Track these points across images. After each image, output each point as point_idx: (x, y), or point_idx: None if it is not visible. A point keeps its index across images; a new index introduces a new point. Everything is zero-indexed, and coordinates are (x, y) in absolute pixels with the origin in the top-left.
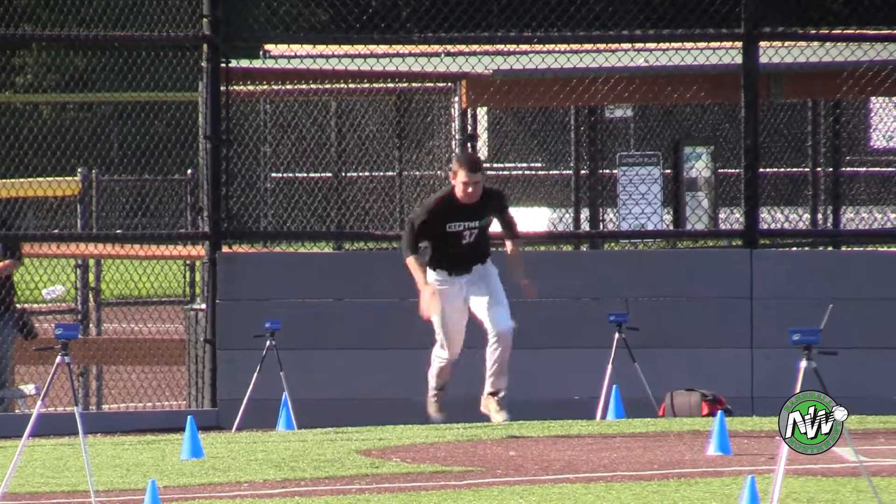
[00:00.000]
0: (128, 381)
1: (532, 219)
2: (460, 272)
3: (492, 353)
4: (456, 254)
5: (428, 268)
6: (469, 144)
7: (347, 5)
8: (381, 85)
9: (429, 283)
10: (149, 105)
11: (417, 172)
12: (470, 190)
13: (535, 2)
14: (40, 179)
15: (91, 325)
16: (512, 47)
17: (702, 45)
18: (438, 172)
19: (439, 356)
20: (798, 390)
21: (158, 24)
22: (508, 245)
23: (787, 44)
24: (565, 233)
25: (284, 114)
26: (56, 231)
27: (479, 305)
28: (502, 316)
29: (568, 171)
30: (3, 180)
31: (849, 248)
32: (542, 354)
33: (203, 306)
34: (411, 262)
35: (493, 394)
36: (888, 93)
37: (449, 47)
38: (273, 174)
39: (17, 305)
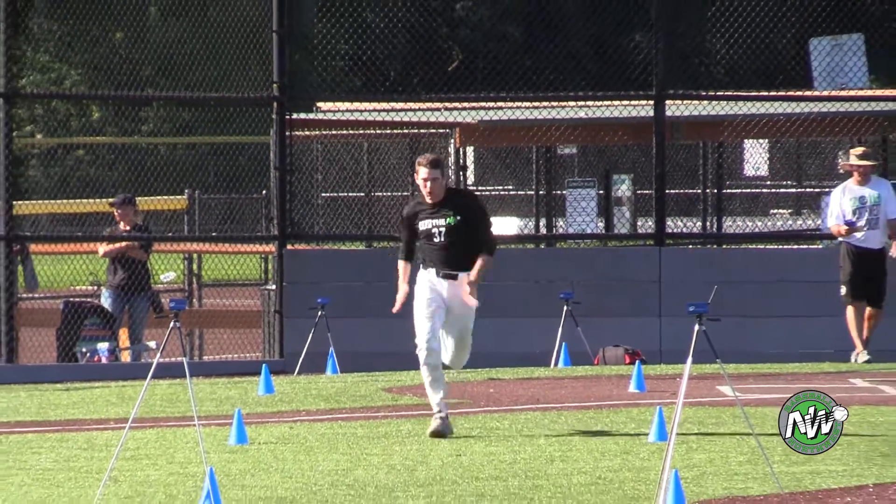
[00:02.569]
0: (220, 339)
1: (505, 225)
2: (443, 274)
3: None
4: (432, 252)
5: (420, 267)
6: (461, 173)
7: (375, 74)
8: (399, 130)
9: (403, 288)
10: (235, 145)
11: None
12: (429, 185)
13: (506, 72)
14: (160, 198)
15: (194, 300)
16: (491, 104)
17: (625, 102)
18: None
19: (420, 359)
20: (692, 347)
21: (242, 88)
22: (478, 259)
23: (685, 102)
24: (529, 235)
25: (330, 151)
26: (170, 234)
27: (447, 341)
28: (459, 360)
29: (531, 192)
30: (137, 198)
31: (728, 247)
32: (512, 321)
33: (273, 287)
34: (399, 264)
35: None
36: (757, 136)
37: (447, 104)
38: (323, 194)
39: (152, 287)
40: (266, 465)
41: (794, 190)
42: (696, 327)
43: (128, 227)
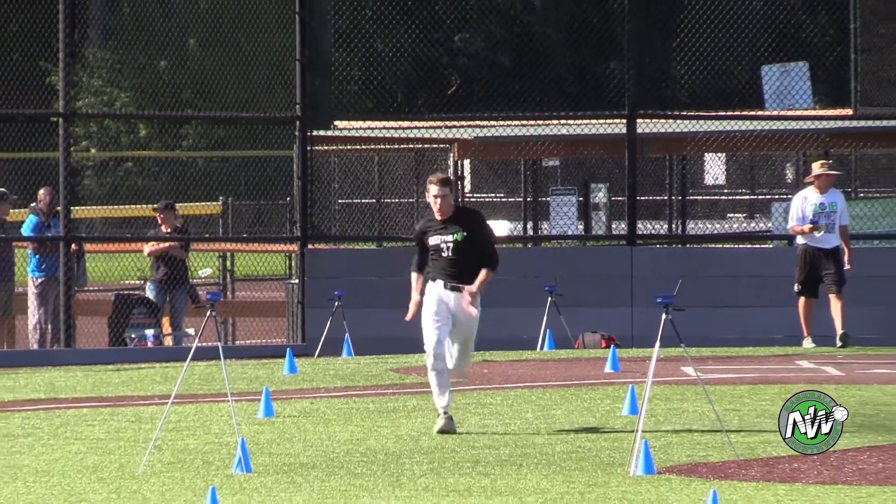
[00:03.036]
0: (250, 326)
1: (497, 228)
2: (450, 286)
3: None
4: (441, 266)
5: (429, 280)
6: (459, 182)
7: (384, 97)
8: (405, 146)
9: (415, 298)
10: (263, 158)
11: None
12: (439, 201)
13: (498, 95)
14: (198, 204)
15: (228, 292)
16: (485, 123)
17: (601, 121)
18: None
19: (427, 364)
20: (660, 333)
21: (269, 108)
22: (481, 273)
23: (653, 120)
24: (518, 237)
25: (346, 163)
26: (207, 235)
27: (452, 348)
28: (463, 365)
29: (519, 199)
30: (178, 204)
31: (691, 246)
32: (503, 310)
33: (296, 281)
34: (413, 276)
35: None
36: (715, 150)
37: (446, 123)
38: (339, 200)
39: (191, 281)
40: (290, 435)
41: (747, 197)
42: (664, 316)
43: (169, 230)
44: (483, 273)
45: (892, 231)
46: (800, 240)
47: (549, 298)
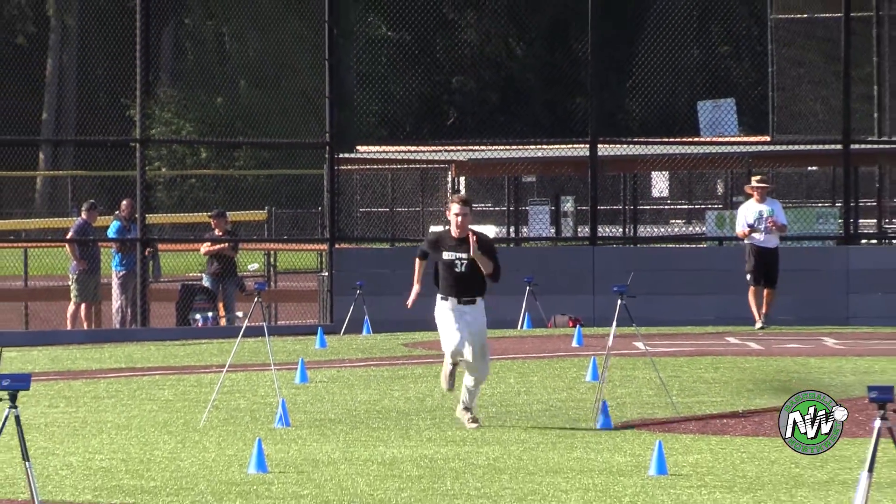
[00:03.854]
0: (289, 310)
1: (486, 231)
2: (462, 300)
3: (469, 382)
4: (452, 281)
5: (439, 296)
6: (456, 194)
7: (396, 126)
8: (413, 166)
9: (416, 288)
10: (299, 175)
11: (431, 208)
12: (460, 219)
13: (487, 126)
14: (248, 212)
15: (271, 282)
16: (476, 148)
17: (569, 146)
18: (441, 208)
19: (445, 362)
20: (616, 315)
21: (304, 136)
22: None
23: (611, 145)
24: (503, 238)
25: (365, 179)
26: (255, 237)
27: (469, 353)
28: (483, 368)
29: (503, 208)
30: (229, 212)
31: (641, 246)
32: (492, 297)
33: (326, 273)
34: (416, 262)
35: (467, 409)
36: (660, 169)
37: (446, 147)
38: (360, 209)
39: (239, 274)
40: (321, 396)
41: (686, 206)
42: (619, 301)
43: (221, 233)
44: (489, 262)
45: (802, 234)
46: (749, 240)
47: (528, 288)
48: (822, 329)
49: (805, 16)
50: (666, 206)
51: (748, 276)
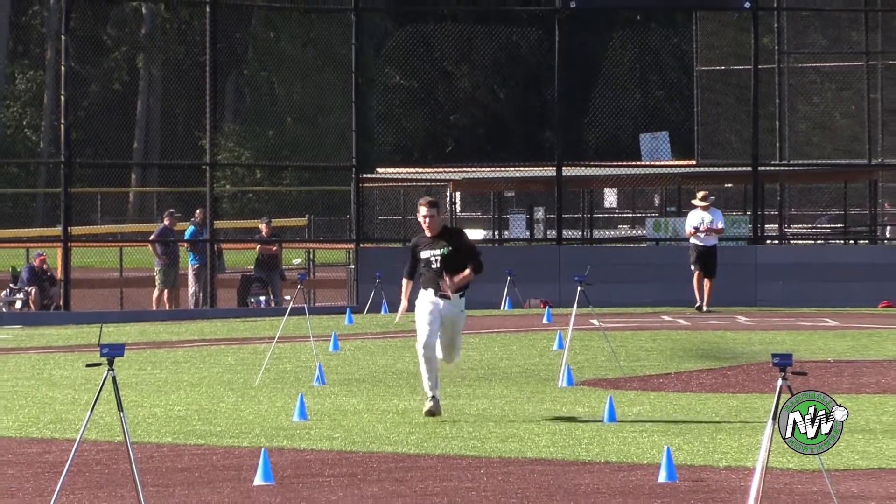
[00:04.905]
0: (325, 294)
1: (477, 234)
2: (440, 294)
3: (445, 366)
4: (430, 276)
5: (420, 288)
6: (453, 206)
7: (407, 153)
8: (420, 183)
9: (403, 304)
10: (332, 190)
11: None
12: (427, 221)
13: (476, 153)
14: (292, 219)
15: (311, 273)
16: (469, 170)
17: (540, 168)
18: (442, 217)
19: (418, 349)
20: (577, 298)
21: (335, 160)
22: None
23: (573, 167)
24: (489, 239)
25: (383, 194)
26: (298, 238)
27: (438, 348)
28: (452, 356)
29: (489, 216)
30: (278, 219)
31: (597, 245)
32: (480, 285)
33: (353, 266)
34: (403, 282)
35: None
36: (611, 186)
37: (446, 169)
38: (379, 217)
39: (283, 266)
40: (349, 361)
41: (630, 215)
42: (579, 288)
43: (267, 235)
44: (466, 271)
45: (720, 236)
46: (693, 240)
47: (508, 277)
48: (735, 310)
49: (723, 68)
50: (615, 215)
51: (692, 266)
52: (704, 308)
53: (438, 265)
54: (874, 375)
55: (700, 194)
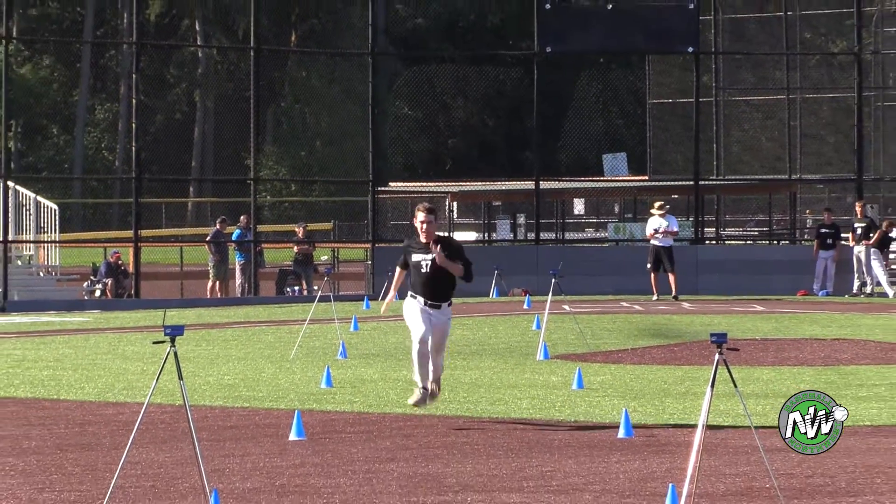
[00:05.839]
0: (347, 285)
1: (469, 236)
2: (429, 303)
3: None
4: (420, 281)
5: (409, 294)
6: (451, 214)
7: (414, 170)
8: (424, 194)
9: (390, 295)
10: (354, 201)
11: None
12: (425, 226)
13: (470, 170)
14: (321, 224)
15: (336, 268)
16: (464, 184)
17: (522, 182)
18: (440, 222)
19: (413, 345)
20: (551, 288)
21: (356, 176)
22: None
23: (549, 182)
24: (480, 240)
25: (394, 204)
26: (325, 240)
27: (430, 344)
28: (439, 362)
29: (480, 221)
30: (310, 224)
31: (568, 245)
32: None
33: (370, 262)
34: (396, 270)
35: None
36: (580, 197)
37: (445, 183)
38: (391, 222)
39: (314, 262)
40: (367, 339)
41: (595, 220)
42: (553, 280)
43: (302, 236)
44: (458, 265)
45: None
46: (653, 241)
47: (496, 271)
48: (681, 298)
49: (670, 101)
50: (582, 220)
51: (649, 265)
52: (673, 296)
53: (428, 271)
54: (793, 351)
55: (657, 204)
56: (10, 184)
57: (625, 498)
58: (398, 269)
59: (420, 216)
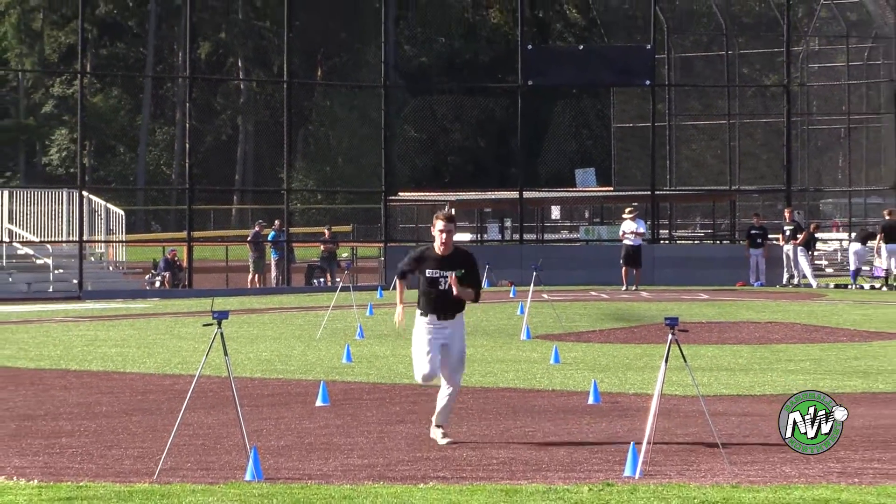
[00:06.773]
0: (363, 277)
1: (465, 237)
2: (442, 317)
3: (443, 396)
4: (434, 298)
5: (418, 312)
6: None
7: (419, 181)
8: (427, 202)
9: (400, 306)
10: (369, 208)
11: (433, 233)
12: (444, 236)
13: (466, 182)
14: (342, 227)
15: (355, 263)
16: (462, 193)
17: (508, 192)
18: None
19: (415, 379)
20: (533, 281)
21: (371, 186)
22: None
23: (532, 192)
24: (473, 241)
25: (403, 210)
26: (346, 240)
27: (445, 363)
28: (457, 378)
29: (474, 225)
30: (334, 227)
31: (545, 244)
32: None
33: (383, 258)
34: (398, 283)
35: (439, 426)
36: (557, 205)
37: (446, 193)
38: (400, 225)
39: (338, 259)
40: (380, 322)
41: (569, 224)
42: (534, 273)
43: (328, 236)
44: (470, 290)
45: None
46: (625, 241)
47: (486, 266)
48: (640, 288)
49: (631, 125)
50: (559, 224)
51: (621, 261)
52: (635, 288)
53: (446, 287)
54: (733, 332)
55: (628, 209)
56: (85, 193)
57: (594, 453)
58: (399, 281)
59: (439, 224)
